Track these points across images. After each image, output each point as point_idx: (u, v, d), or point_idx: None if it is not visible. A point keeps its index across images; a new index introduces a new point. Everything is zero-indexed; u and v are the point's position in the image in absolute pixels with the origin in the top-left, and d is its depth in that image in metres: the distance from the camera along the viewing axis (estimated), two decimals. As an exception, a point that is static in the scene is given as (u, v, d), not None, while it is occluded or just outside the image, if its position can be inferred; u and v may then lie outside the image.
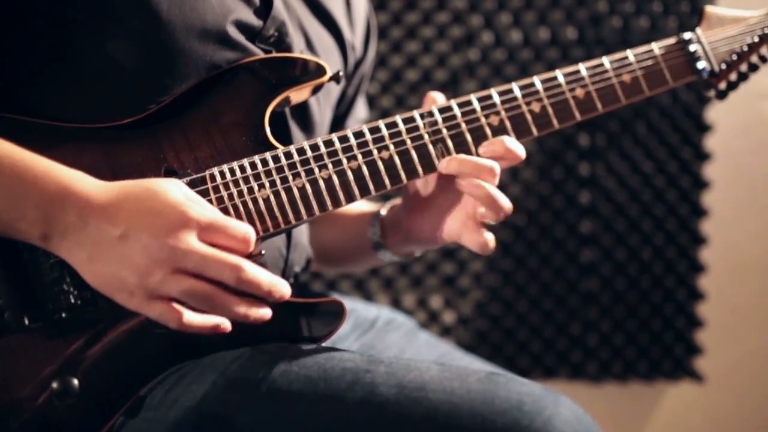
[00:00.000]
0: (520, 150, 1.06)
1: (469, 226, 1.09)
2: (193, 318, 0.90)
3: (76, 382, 0.94)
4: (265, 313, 0.93)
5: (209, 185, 0.99)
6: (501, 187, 1.03)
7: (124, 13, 1.00)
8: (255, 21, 1.08)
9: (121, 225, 0.88)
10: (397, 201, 1.25)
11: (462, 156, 1.05)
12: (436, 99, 1.12)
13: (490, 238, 1.08)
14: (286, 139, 1.12)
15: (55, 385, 0.94)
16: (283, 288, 0.93)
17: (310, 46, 1.19)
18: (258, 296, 0.93)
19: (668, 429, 2.12)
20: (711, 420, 2.13)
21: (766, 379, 2.12)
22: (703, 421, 2.13)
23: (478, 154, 1.07)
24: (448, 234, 1.13)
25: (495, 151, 1.06)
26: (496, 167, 1.04)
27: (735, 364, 2.10)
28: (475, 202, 1.07)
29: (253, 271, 0.90)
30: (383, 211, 1.26)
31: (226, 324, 0.93)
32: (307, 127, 1.20)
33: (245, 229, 0.92)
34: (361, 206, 1.36)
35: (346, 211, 1.34)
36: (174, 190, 0.91)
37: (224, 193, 0.99)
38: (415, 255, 1.28)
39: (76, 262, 0.90)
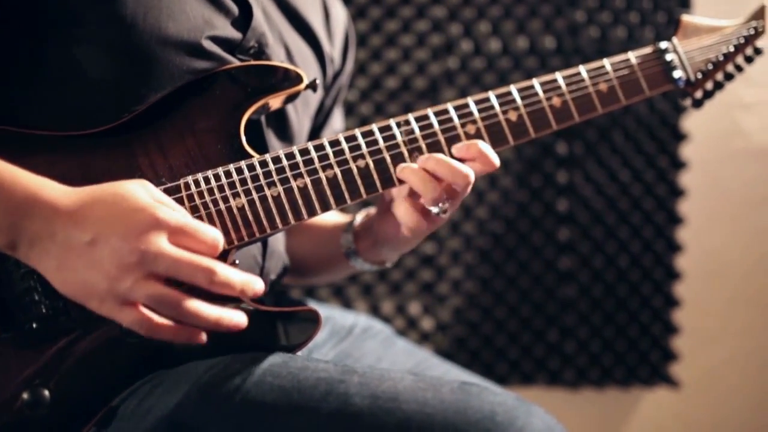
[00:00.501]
0: (493, 156, 1.06)
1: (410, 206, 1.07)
2: (164, 325, 0.88)
3: (47, 392, 0.93)
4: (239, 321, 0.91)
5: (183, 194, 0.99)
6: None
7: (99, 23, 0.99)
8: (234, 34, 1.08)
9: (90, 230, 0.86)
10: (372, 209, 1.25)
11: (440, 156, 1.04)
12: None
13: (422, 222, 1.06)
14: (262, 147, 1.12)
15: (25, 395, 0.93)
16: (255, 284, 0.90)
17: (289, 57, 1.19)
18: (232, 297, 0.91)
19: (644, 435, 2.14)
20: (686, 426, 2.15)
21: (740, 385, 2.14)
22: (679, 427, 2.15)
23: (451, 154, 1.07)
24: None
25: (469, 152, 1.05)
26: (471, 174, 1.03)
27: (710, 370, 2.12)
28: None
29: (226, 273, 0.88)
30: (357, 218, 1.26)
31: (199, 335, 0.91)
32: (286, 137, 1.20)
33: (214, 234, 0.90)
34: (335, 217, 1.36)
35: (319, 221, 1.34)
36: (141, 192, 0.90)
37: (198, 202, 0.99)
38: (387, 264, 1.28)
39: (45, 270, 0.89)
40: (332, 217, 1.35)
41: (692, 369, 2.07)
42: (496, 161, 1.06)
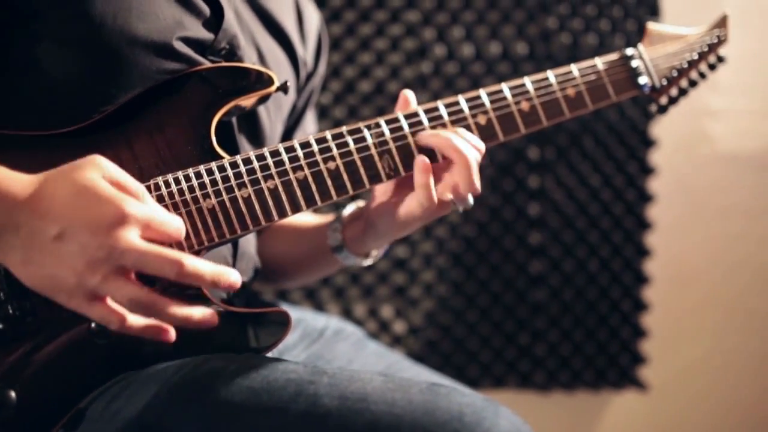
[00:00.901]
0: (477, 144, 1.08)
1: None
2: (135, 321, 0.87)
3: (13, 394, 0.92)
4: (210, 318, 0.90)
5: (153, 194, 0.98)
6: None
7: (67, 21, 0.99)
8: (205, 34, 1.08)
9: (56, 224, 0.84)
10: (362, 202, 1.26)
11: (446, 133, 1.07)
12: (409, 97, 1.12)
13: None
14: (233, 149, 1.11)
15: (-9, 397, 0.92)
16: (231, 276, 0.89)
17: (261, 59, 1.19)
18: (202, 296, 0.91)
19: (614, 437, 2.17)
20: (654, 428, 2.18)
21: (708, 388, 2.17)
22: (647, 429, 2.18)
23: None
24: (405, 209, 1.11)
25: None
26: (482, 146, 1.08)
27: (678, 373, 2.15)
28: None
29: (194, 264, 0.86)
30: (347, 210, 1.26)
31: (170, 332, 0.89)
32: (257, 140, 1.20)
33: (177, 224, 0.90)
34: (315, 218, 1.37)
35: (301, 221, 1.34)
36: (101, 181, 0.87)
37: (168, 203, 0.98)
38: (371, 257, 1.28)
39: (10, 264, 0.87)
40: (312, 218, 1.36)
41: (660, 372, 2.10)
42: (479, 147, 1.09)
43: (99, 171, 0.88)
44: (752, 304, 2.14)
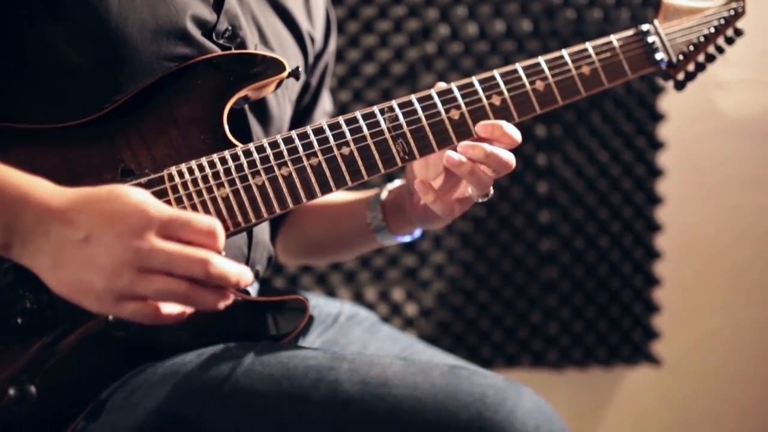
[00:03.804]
0: (516, 134, 1.06)
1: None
2: (168, 311, 0.87)
3: (33, 387, 0.93)
4: (231, 300, 0.90)
5: (167, 185, 0.98)
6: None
7: (73, 7, 0.98)
8: (208, 17, 1.07)
9: (83, 229, 0.85)
10: (397, 183, 1.26)
11: (487, 147, 1.04)
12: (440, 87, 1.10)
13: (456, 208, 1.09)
14: (245, 134, 1.11)
15: (12, 391, 0.92)
16: (247, 275, 0.89)
17: (264, 39, 1.17)
18: (228, 286, 0.90)
19: (628, 412, 2.17)
20: (669, 402, 2.18)
21: (721, 362, 2.17)
22: (662, 404, 2.18)
23: (440, 139, 1.07)
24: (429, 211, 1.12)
25: (493, 132, 1.06)
26: (512, 161, 1.06)
27: (691, 347, 2.15)
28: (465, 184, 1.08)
29: (222, 264, 0.86)
30: (383, 194, 1.26)
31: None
32: (265, 122, 1.19)
33: (210, 222, 0.88)
34: (344, 195, 1.36)
35: (332, 200, 1.34)
36: (135, 191, 0.88)
37: (183, 193, 0.98)
38: (411, 234, 1.28)
39: (39, 269, 0.87)
40: (345, 196, 1.35)
41: (673, 347, 2.10)
42: (518, 138, 1.06)
43: (136, 188, 0.89)
44: (764, 275, 2.14)
